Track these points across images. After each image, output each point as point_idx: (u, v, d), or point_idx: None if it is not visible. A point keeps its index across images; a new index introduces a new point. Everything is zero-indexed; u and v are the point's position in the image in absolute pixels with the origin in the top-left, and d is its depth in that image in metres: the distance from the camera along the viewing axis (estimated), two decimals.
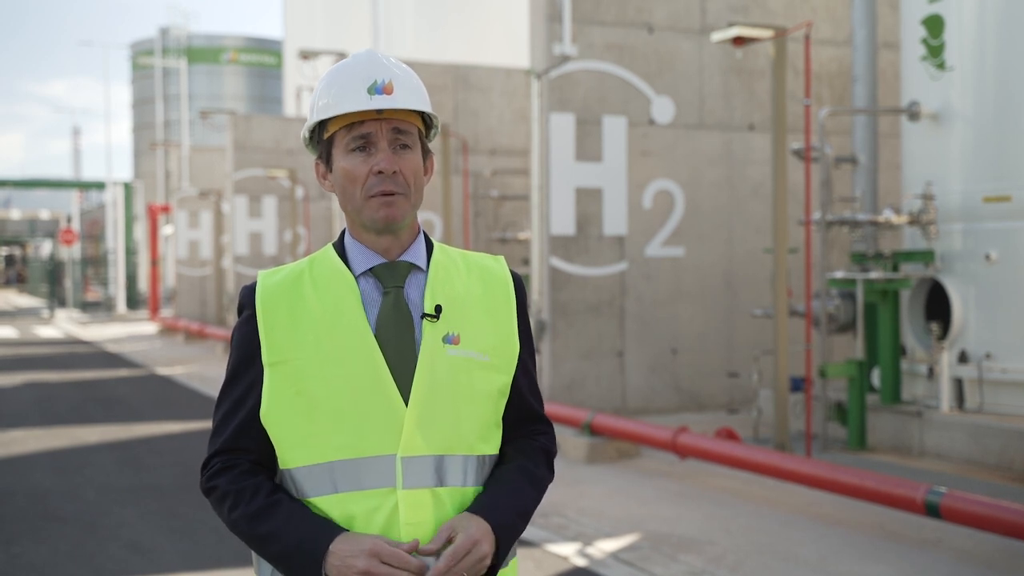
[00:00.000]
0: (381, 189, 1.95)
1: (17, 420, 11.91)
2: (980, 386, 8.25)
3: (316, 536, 1.87)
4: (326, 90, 2.00)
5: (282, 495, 1.95)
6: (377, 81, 1.96)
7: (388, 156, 1.96)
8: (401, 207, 1.97)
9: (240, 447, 1.99)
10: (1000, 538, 5.94)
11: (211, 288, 26.85)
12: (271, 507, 1.92)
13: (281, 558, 1.90)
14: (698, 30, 10.86)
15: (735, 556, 6.04)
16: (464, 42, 21.80)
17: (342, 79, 1.98)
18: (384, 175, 1.95)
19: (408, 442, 1.91)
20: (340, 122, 1.97)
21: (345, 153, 1.97)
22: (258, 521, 1.92)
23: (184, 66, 40.49)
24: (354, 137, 1.96)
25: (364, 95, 1.95)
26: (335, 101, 1.97)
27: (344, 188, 1.98)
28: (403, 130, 1.98)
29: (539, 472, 2.08)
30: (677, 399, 10.74)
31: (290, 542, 1.88)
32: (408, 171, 1.98)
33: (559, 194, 10.20)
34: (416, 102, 2.00)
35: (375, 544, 1.83)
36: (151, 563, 6.24)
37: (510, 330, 2.06)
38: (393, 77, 1.98)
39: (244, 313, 2.02)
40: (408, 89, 1.99)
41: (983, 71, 8.40)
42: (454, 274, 2.05)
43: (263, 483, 1.97)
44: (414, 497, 1.91)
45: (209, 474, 2.01)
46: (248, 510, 1.93)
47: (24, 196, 61.80)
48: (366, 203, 1.96)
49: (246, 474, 1.98)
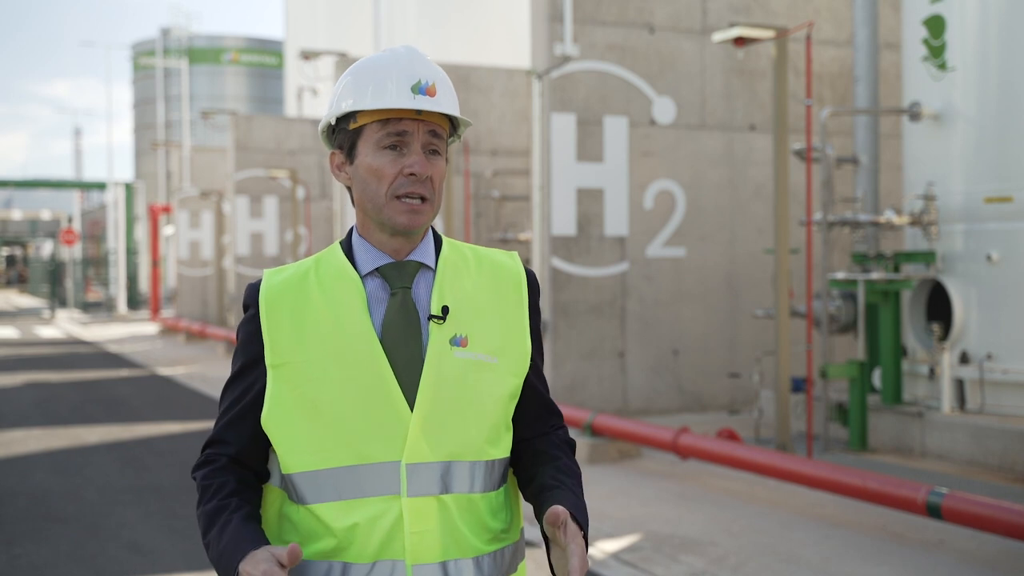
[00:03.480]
0: (411, 190, 1.91)
1: (18, 420, 11.91)
2: (981, 387, 8.24)
3: (232, 552, 1.83)
4: (362, 81, 1.93)
5: (232, 500, 1.92)
6: (422, 81, 1.91)
7: (422, 159, 1.91)
8: (426, 215, 1.93)
9: (223, 440, 1.98)
10: (1003, 539, 5.93)
11: (212, 288, 26.85)
12: (217, 512, 1.91)
13: (213, 565, 1.90)
14: (699, 30, 10.85)
15: (737, 557, 6.03)
16: (466, 42, 21.78)
17: (382, 72, 1.92)
18: (416, 178, 1.91)
19: (413, 449, 1.87)
20: (375, 116, 1.91)
21: (376, 149, 1.92)
22: (205, 524, 1.92)
23: (185, 66, 40.46)
24: (389, 134, 1.91)
25: (408, 93, 1.90)
26: (374, 95, 1.91)
27: (367, 184, 1.93)
28: (438, 134, 1.95)
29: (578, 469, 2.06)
30: (678, 400, 10.74)
31: (215, 554, 1.88)
32: (437, 177, 1.94)
33: (560, 194, 10.19)
34: (456, 108, 1.97)
35: (265, 572, 1.75)
36: (152, 564, 6.23)
37: (521, 330, 2.01)
38: (436, 80, 1.93)
39: (248, 311, 1.98)
40: (449, 94, 1.96)
41: (984, 71, 8.39)
42: (464, 272, 2.00)
43: (227, 483, 1.95)
44: (419, 505, 1.86)
45: (195, 464, 2.01)
46: (205, 508, 1.93)
47: (25, 196, 61.84)
48: (389, 203, 1.91)
49: (219, 470, 1.96)
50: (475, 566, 1.91)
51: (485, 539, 1.93)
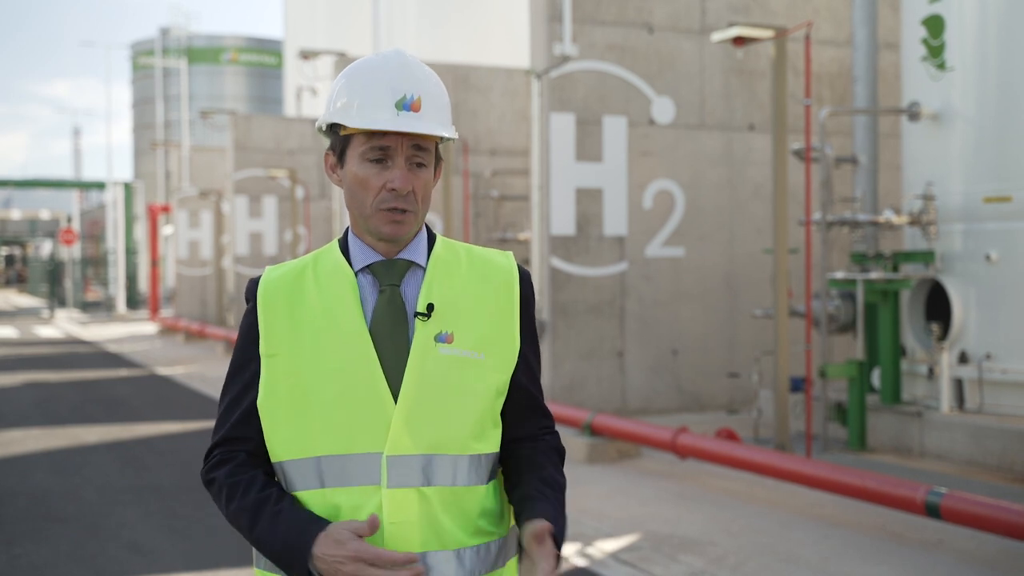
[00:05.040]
0: (392, 206, 1.95)
1: (17, 420, 11.91)
2: (980, 387, 8.25)
3: (298, 537, 1.87)
4: (350, 90, 1.96)
5: (273, 490, 1.96)
6: (406, 96, 1.93)
7: (404, 174, 1.94)
8: (409, 224, 1.98)
9: (239, 437, 2.01)
10: (1003, 539, 5.94)
11: (211, 288, 26.85)
12: (261, 504, 1.93)
13: (273, 558, 1.93)
14: (698, 30, 10.86)
15: (736, 557, 6.04)
16: (466, 42, 21.79)
17: (369, 84, 1.95)
18: (398, 193, 1.94)
19: (395, 441, 1.91)
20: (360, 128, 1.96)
21: (361, 161, 1.95)
22: (249, 518, 1.94)
23: (184, 66, 40.48)
24: (372, 148, 1.94)
25: (391, 110, 1.92)
26: (359, 109, 1.93)
27: (354, 192, 1.98)
28: (423, 147, 1.97)
29: (562, 480, 2.09)
30: (678, 399, 10.74)
31: (276, 542, 1.90)
32: (420, 189, 1.97)
33: (559, 194, 10.20)
34: (441, 123, 1.98)
35: (358, 550, 1.83)
36: (151, 563, 6.24)
37: (510, 328, 2.05)
38: (423, 93, 1.95)
39: (248, 305, 2.05)
40: (436, 107, 1.97)
41: (983, 71, 8.39)
42: (454, 270, 2.04)
43: (257, 476, 1.98)
44: (398, 496, 1.91)
45: (209, 465, 2.03)
46: (243, 504, 1.95)
47: (25, 196, 61.78)
48: (375, 213, 1.96)
49: (243, 466, 1.99)
50: (456, 559, 1.95)
51: (469, 532, 1.97)
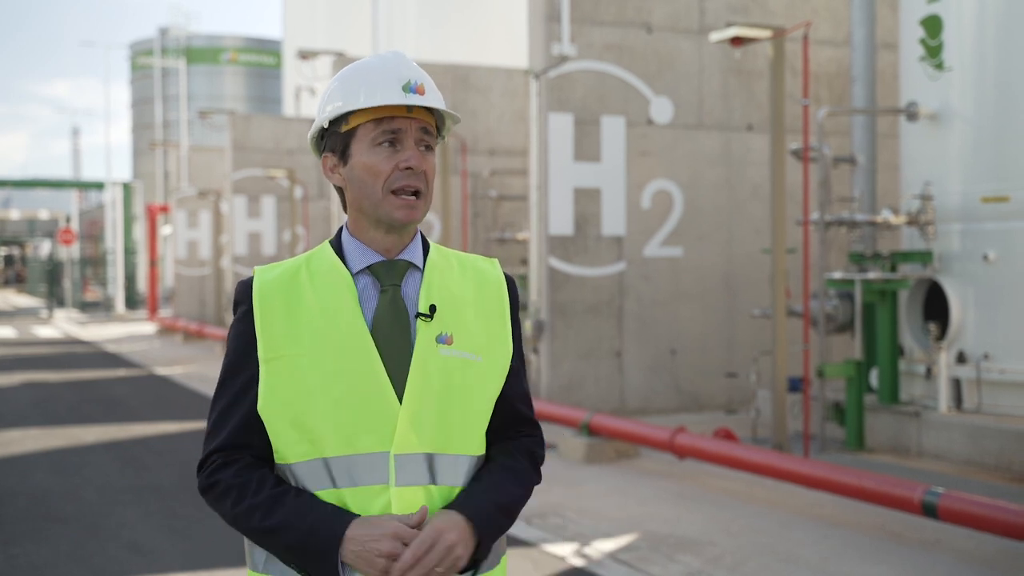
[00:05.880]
0: (407, 184, 1.98)
1: (16, 420, 11.91)
2: (978, 386, 8.26)
3: (331, 522, 1.88)
4: (352, 84, 2.01)
5: (289, 486, 1.95)
6: (411, 81, 2.00)
7: (417, 153, 1.99)
8: (420, 210, 2.01)
9: (241, 443, 1.99)
10: (1001, 539, 5.95)
11: (210, 288, 26.84)
12: (279, 497, 1.92)
13: (294, 548, 1.90)
14: (697, 30, 10.86)
15: (734, 557, 6.04)
16: (465, 42, 21.79)
17: (373, 75, 2.00)
18: (412, 171, 1.98)
19: (402, 440, 1.93)
20: (368, 115, 1.99)
21: (371, 147, 1.99)
22: (266, 512, 1.91)
23: (183, 66, 40.48)
24: (384, 131, 1.98)
25: (399, 91, 1.98)
26: (367, 94, 1.98)
27: (363, 181, 1.99)
28: (429, 131, 2.03)
29: (519, 466, 2.07)
30: (676, 399, 10.75)
31: (302, 531, 1.88)
32: (430, 172, 2.02)
33: (558, 194, 10.21)
34: (444, 106, 2.05)
35: (398, 528, 1.85)
36: (151, 563, 6.24)
37: (503, 333, 2.08)
38: (424, 80, 2.02)
39: (240, 309, 2.03)
40: (437, 95, 2.05)
41: (982, 71, 8.40)
42: (449, 275, 2.06)
43: (267, 475, 1.97)
44: (407, 494, 1.92)
45: (209, 470, 2.00)
46: (255, 501, 1.92)
47: (24, 196, 61.75)
48: (386, 198, 1.98)
49: (249, 468, 1.98)
50: None
51: None
